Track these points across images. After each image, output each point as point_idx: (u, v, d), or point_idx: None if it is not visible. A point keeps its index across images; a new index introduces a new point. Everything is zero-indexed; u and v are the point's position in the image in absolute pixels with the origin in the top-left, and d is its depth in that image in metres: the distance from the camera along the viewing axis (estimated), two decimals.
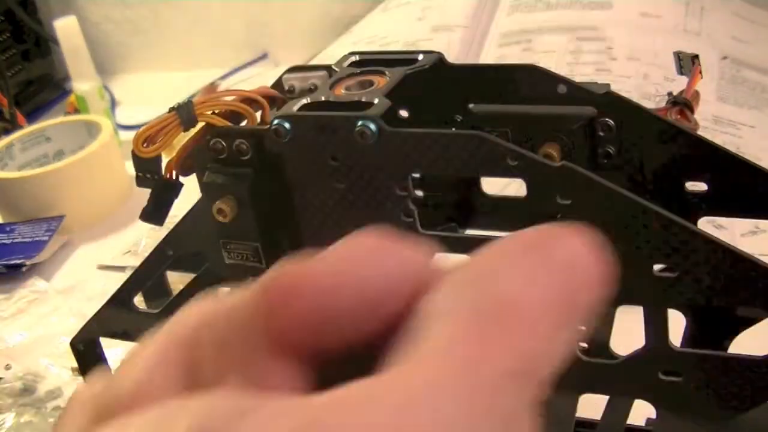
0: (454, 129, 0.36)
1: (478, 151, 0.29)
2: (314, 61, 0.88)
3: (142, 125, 0.35)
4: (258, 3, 0.98)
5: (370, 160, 0.31)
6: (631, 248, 0.28)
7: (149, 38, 1.05)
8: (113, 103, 0.95)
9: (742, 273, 0.26)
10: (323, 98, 0.33)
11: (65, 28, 0.82)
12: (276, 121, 0.32)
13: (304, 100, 0.33)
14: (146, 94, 0.99)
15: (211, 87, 0.93)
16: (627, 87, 0.67)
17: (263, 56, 1.01)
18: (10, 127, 0.85)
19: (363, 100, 0.32)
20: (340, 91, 0.34)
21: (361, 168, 0.31)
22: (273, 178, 0.33)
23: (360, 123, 0.30)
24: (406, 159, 0.30)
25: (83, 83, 0.84)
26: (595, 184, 0.27)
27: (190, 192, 0.36)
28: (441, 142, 0.29)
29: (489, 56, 0.74)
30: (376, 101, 0.31)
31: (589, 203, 0.28)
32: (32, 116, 0.95)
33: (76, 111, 0.85)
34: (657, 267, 0.28)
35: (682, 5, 0.72)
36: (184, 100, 0.35)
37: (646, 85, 0.67)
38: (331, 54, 0.85)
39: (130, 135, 0.88)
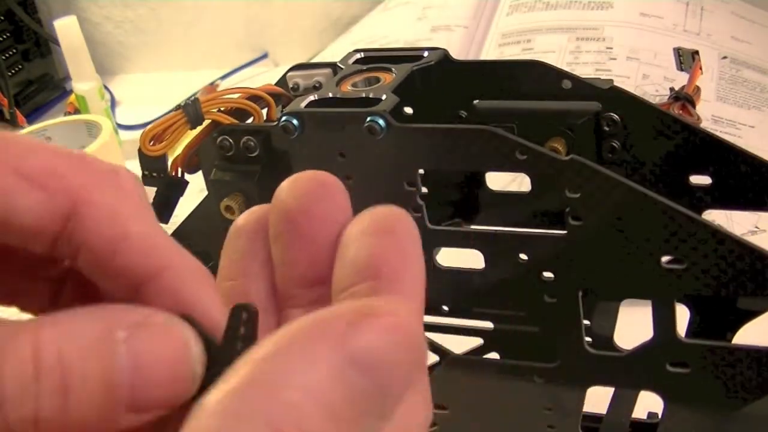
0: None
1: (487, 146, 0.29)
2: (315, 61, 0.88)
3: (142, 125, 0.35)
4: (258, 3, 0.99)
5: (378, 155, 0.31)
6: (640, 240, 0.28)
7: (149, 38, 1.05)
8: (113, 103, 0.95)
9: (750, 264, 0.26)
10: (330, 95, 0.33)
11: (65, 28, 0.82)
12: (284, 118, 0.32)
13: (312, 97, 0.33)
14: (146, 94, 0.99)
15: (211, 87, 0.93)
16: (626, 87, 0.66)
17: (263, 56, 1.01)
18: (10, 127, 0.85)
19: (370, 96, 0.32)
20: (347, 88, 0.34)
21: (369, 164, 0.31)
22: (281, 175, 0.33)
23: (369, 119, 0.30)
24: (414, 154, 0.30)
25: (83, 83, 0.84)
26: (604, 177, 0.27)
27: (189, 192, 0.36)
28: (450, 137, 0.30)
29: (489, 56, 0.74)
30: (383, 97, 0.31)
31: (598, 196, 0.28)
32: (32, 116, 0.94)
33: (76, 111, 0.85)
34: (665, 259, 0.28)
35: (682, 5, 0.73)
36: (190, 97, 0.35)
37: (645, 85, 0.67)
38: (331, 54, 0.85)
39: (130, 135, 0.88)
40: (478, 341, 0.44)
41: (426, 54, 0.36)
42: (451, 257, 0.33)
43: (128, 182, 0.18)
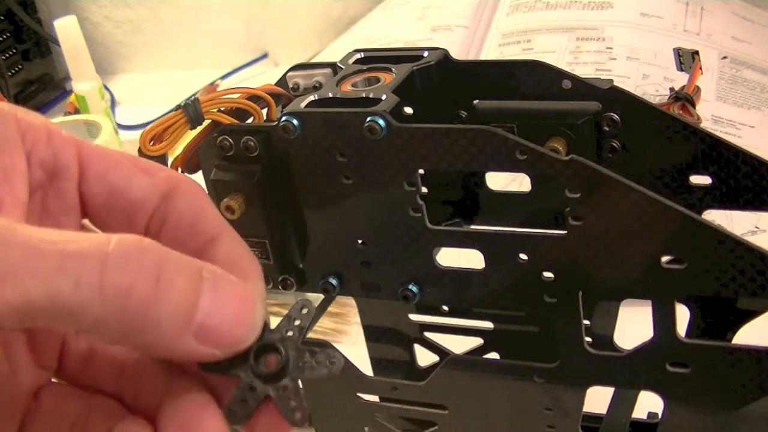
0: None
1: (487, 146, 0.29)
2: (315, 61, 0.88)
3: (142, 125, 0.35)
4: (258, 3, 0.99)
5: (379, 155, 0.31)
6: (640, 240, 0.28)
7: (149, 38, 1.05)
8: (113, 103, 0.95)
9: (750, 264, 0.26)
10: (330, 95, 0.33)
11: (65, 28, 0.82)
12: (284, 118, 0.32)
13: (312, 97, 0.33)
14: (146, 94, 0.99)
15: (211, 87, 0.93)
16: (626, 87, 0.66)
17: (263, 56, 1.01)
18: None
19: (371, 96, 0.32)
20: (347, 88, 0.34)
21: (369, 164, 0.31)
22: (281, 175, 0.33)
23: (369, 119, 0.30)
24: (414, 154, 0.30)
25: (83, 83, 0.84)
26: (604, 177, 0.27)
27: None
28: (450, 137, 0.30)
29: (489, 56, 0.74)
30: (383, 97, 0.31)
31: (598, 196, 0.28)
32: None
33: (76, 111, 0.85)
34: (665, 259, 0.28)
35: (682, 5, 0.73)
36: (190, 97, 0.35)
37: (645, 85, 0.67)
38: (331, 54, 0.85)
39: (130, 135, 0.88)
40: (478, 341, 0.44)
41: (426, 54, 0.36)
42: (451, 257, 0.33)
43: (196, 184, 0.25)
